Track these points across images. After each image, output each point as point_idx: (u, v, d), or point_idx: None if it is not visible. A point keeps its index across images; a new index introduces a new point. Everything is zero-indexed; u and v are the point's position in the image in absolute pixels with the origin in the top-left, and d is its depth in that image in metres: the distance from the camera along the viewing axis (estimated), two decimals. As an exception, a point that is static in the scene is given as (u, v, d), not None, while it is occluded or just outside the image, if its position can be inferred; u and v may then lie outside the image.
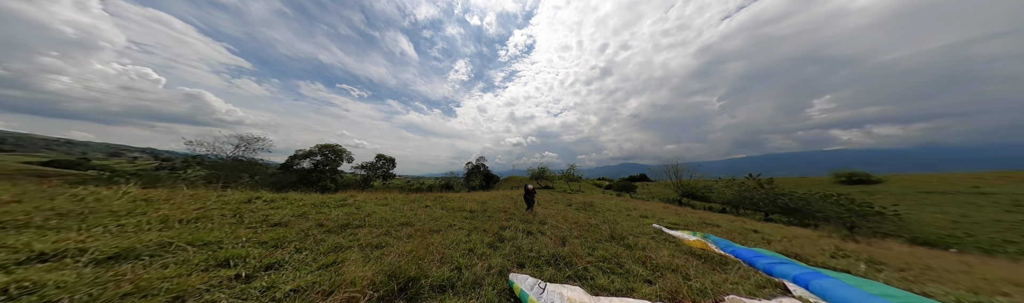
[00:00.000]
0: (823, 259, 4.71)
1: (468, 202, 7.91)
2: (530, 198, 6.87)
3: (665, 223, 7.30)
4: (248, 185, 20.13)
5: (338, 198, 6.26)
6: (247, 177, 20.86)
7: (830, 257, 4.99)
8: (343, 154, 25.63)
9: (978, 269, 4.99)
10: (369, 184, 28.33)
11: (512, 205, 8.01)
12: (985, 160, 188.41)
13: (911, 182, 21.44)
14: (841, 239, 7.65)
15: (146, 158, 36.53)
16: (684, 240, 5.10)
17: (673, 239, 5.21)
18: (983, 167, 19.16)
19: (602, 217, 7.48)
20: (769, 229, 8.24)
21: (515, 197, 10.75)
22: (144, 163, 21.05)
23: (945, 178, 21.54)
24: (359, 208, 5.32)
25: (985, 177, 20.46)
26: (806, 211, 13.72)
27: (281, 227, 3.58)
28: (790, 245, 5.64)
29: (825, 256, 5.00)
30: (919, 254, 6.47)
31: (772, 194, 14.30)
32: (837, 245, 6.30)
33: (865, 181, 23.54)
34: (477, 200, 8.69)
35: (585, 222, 6.03)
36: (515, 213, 6.49)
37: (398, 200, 7.15)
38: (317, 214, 4.40)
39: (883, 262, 4.86)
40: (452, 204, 7.17)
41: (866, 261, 4.83)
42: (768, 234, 7.14)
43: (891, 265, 4.72)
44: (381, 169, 29.12)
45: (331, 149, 25.10)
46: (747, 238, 6.31)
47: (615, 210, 9.59)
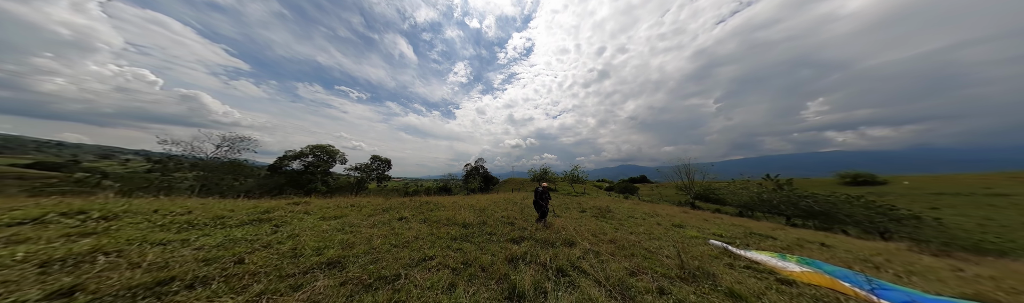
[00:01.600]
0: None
1: (462, 210, 5.94)
2: (543, 203, 4.94)
3: (717, 237, 5.36)
4: (233, 189, 17.73)
5: (266, 207, 4.29)
6: (231, 179, 18.45)
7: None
8: (336, 155, 23.38)
9: None
10: (363, 186, 25.94)
11: (518, 213, 6.06)
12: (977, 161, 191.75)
13: (917, 183, 20.08)
14: (932, 254, 5.75)
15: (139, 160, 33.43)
16: (781, 270, 3.20)
17: (757, 266, 3.31)
18: (976, 168, 18.93)
19: (631, 227, 5.56)
20: (834, 241, 6.32)
21: (519, 201, 8.77)
22: (136, 165, 18.92)
23: (953, 179, 20.23)
24: (281, 225, 3.40)
25: (992, 177, 19.21)
26: (833, 214, 11.88)
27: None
28: (902, 270, 3.75)
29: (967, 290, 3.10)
30: None
31: (794, 196, 12.50)
32: (956, 266, 4.41)
33: (870, 182, 22.01)
34: (474, 206, 6.72)
35: (623, 240, 4.11)
36: (524, 226, 4.55)
37: (366, 208, 5.18)
38: (178, 242, 2.43)
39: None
40: (440, 214, 5.19)
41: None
42: (846, 250, 5.24)
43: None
44: (376, 171, 26.79)
45: (323, 150, 22.86)
46: (829, 258, 4.40)
47: (638, 217, 7.65)
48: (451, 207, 6.21)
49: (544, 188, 5.01)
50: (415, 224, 4.12)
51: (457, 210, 5.76)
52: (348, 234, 3.26)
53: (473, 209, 6.17)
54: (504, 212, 5.98)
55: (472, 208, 6.34)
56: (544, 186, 5.04)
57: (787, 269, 3.19)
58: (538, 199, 4.91)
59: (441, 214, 5.10)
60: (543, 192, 4.97)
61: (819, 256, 4.17)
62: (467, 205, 6.85)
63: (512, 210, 6.41)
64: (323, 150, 22.95)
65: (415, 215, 4.90)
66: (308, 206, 4.75)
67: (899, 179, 22.25)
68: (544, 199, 4.90)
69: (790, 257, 3.49)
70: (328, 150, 23.03)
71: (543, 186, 5.04)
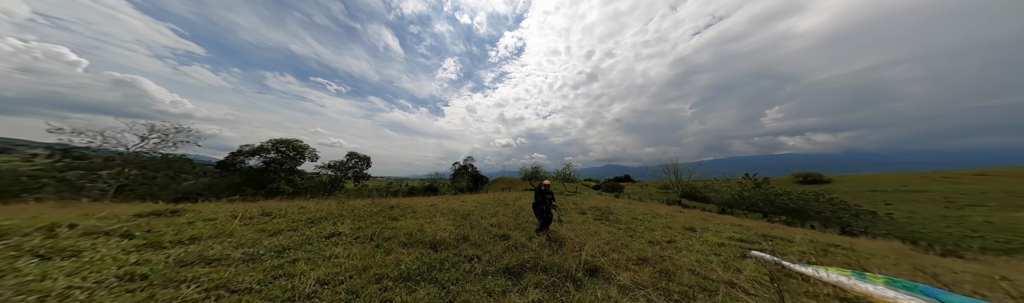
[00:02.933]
0: None
1: (438, 216, 4.34)
2: (545, 207, 3.55)
3: (740, 242, 4.34)
4: (170, 190, 13.89)
5: (88, 224, 2.34)
6: (168, 179, 14.61)
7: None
8: (305, 151, 20.01)
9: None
10: (338, 186, 22.66)
11: (512, 218, 4.61)
12: (895, 163, 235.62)
13: (855, 182, 22.16)
14: (936, 254, 5.29)
15: (48, 155, 24.77)
16: (868, 296, 2.13)
17: (842, 293, 2.22)
18: (895, 169, 22.56)
19: (644, 232, 4.39)
20: (861, 244, 5.63)
21: (511, 202, 7.30)
22: (43, 161, 13.96)
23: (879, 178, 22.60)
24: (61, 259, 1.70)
25: (908, 177, 21.77)
26: (804, 211, 12.03)
27: None
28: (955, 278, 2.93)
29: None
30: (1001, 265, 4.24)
31: (771, 194, 12.56)
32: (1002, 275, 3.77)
33: (818, 181, 23.81)
34: (458, 210, 5.15)
35: (655, 257, 2.84)
36: (522, 240, 3.11)
37: (284, 218, 3.38)
38: None
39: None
40: (403, 225, 3.55)
41: None
42: (869, 254, 4.51)
43: None
44: (354, 169, 23.59)
45: (289, 145, 19.42)
46: (860, 263, 3.53)
47: (642, 218, 6.57)
48: (425, 213, 4.58)
49: (546, 187, 3.63)
50: (348, 248, 2.49)
51: (432, 217, 4.16)
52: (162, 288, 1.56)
53: (454, 214, 4.61)
54: (494, 218, 4.50)
55: (454, 213, 4.77)
56: (546, 184, 3.65)
57: (886, 298, 2.14)
58: (539, 201, 3.52)
59: (404, 225, 3.47)
60: (545, 192, 3.60)
61: (875, 267, 3.25)
62: (448, 209, 5.25)
63: (504, 215, 4.94)
64: (289, 145, 19.51)
65: (361, 229, 3.22)
66: (176, 218, 2.85)
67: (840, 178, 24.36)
68: (547, 201, 3.52)
69: (874, 277, 2.47)
70: (295, 145, 19.62)
71: (545, 185, 3.65)
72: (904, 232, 11.59)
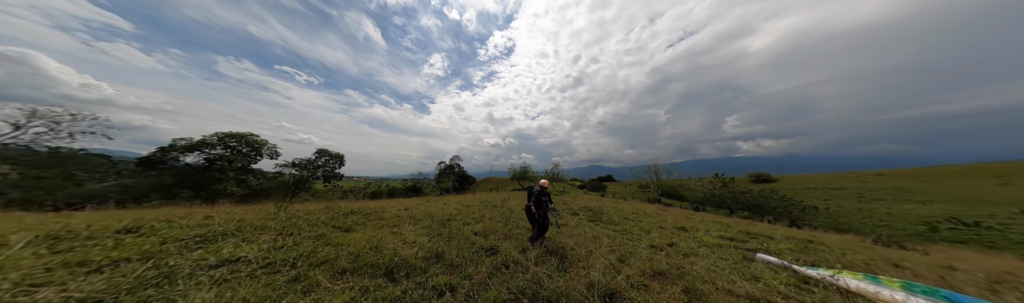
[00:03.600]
0: None
1: (410, 223, 3.44)
2: (541, 212, 2.86)
3: (730, 242, 4.15)
4: (61, 194, 10.47)
5: None
6: (60, 179, 11.18)
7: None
8: (262, 147, 17.04)
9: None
10: (304, 187, 19.76)
11: (500, 223, 3.88)
12: (822, 166, 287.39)
13: (794, 181, 25.37)
14: (882, 245, 5.71)
15: None
16: (875, 298, 1.86)
17: (858, 300, 1.94)
18: (822, 171, 26.70)
19: (640, 234, 4.00)
20: (823, 238, 5.87)
21: (499, 203, 6.57)
22: None
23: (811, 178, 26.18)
24: None
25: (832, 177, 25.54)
26: (763, 206, 13.13)
27: None
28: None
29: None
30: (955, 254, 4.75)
31: (736, 192, 13.53)
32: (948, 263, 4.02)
33: (767, 180, 26.70)
34: (437, 214, 4.28)
35: (672, 268, 2.34)
36: (513, 255, 2.39)
37: (169, 230, 2.23)
38: None
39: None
40: (353, 239, 2.60)
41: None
42: (840, 249, 4.64)
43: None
44: (324, 168, 20.79)
45: (242, 140, 16.37)
46: (833, 257, 3.49)
47: (632, 218, 6.29)
48: (394, 219, 3.65)
49: (543, 188, 2.98)
50: (234, 286, 1.54)
51: (400, 225, 3.26)
52: None
53: (431, 220, 3.75)
54: (479, 223, 3.73)
55: (430, 218, 3.90)
56: (544, 186, 3.01)
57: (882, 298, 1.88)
58: (534, 204, 2.84)
59: (356, 239, 2.53)
60: (541, 193, 2.94)
61: (828, 258, 3.16)
62: (425, 213, 4.35)
63: (492, 219, 4.19)
64: (242, 140, 16.46)
65: (285, 248, 2.23)
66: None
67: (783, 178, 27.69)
68: (544, 204, 2.86)
69: (889, 282, 2.25)
70: (249, 140, 16.61)
71: (542, 186, 3.00)
72: (836, 224, 13.18)
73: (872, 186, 21.24)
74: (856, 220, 14.20)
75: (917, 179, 22.41)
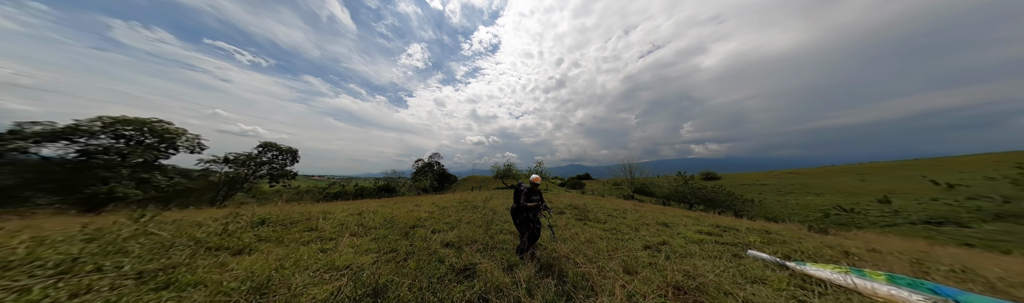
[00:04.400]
0: None
1: (358, 235, 2.48)
2: (530, 215, 2.21)
3: (708, 236, 4.16)
4: None
5: None
6: None
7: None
8: (177, 138, 13.12)
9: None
10: (242, 188, 15.98)
11: (481, 228, 3.15)
12: (753, 166, 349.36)
13: (733, 178, 29.83)
14: (815, 232, 6.55)
15: None
16: (890, 300, 1.79)
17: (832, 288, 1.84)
18: (753, 170, 32.30)
19: (628, 232, 3.75)
20: (773, 227, 6.42)
21: (481, 204, 5.81)
22: None
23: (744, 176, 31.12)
24: None
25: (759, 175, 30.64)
26: (715, 200, 14.86)
27: None
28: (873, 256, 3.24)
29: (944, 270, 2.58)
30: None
31: (695, 188, 15.05)
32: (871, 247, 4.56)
33: (714, 178, 30.81)
34: (402, 219, 3.34)
35: (686, 283, 1.96)
36: (496, 276, 1.68)
37: None
38: None
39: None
40: (238, 271, 1.55)
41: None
42: (795, 238, 5.07)
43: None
44: (270, 164, 17.08)
45: (141, 127, 12.34)
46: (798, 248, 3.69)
47: (616, 215, 6.17)
48: (332, 230, 2.64)
49: (532, 186, 2.38)
50: None
51: (340, 237, 2.31)
52: None
53: (390, 228, 2.84)
54: (454, 230, 2.96)
55: (390, 226, 2.97)
56: (535, 183, 2.39)
57: (902, 300, 1.83)
58: (520, 206, 2.21)
59: (240, 270, 1.53)
60: (532, 192, 2.34)
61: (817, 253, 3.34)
62: (386, 218, 3.38)
63: (471, 223, 3.46)
64: (141, 127, 12.43)
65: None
66: None
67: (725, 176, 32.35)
68: (537, 205, 2.24)
69: (874, 274, 2.25)
70: (154, 128, 12.65)
71: (533, 183, 2.39)
72: (766, 213, 15.57)
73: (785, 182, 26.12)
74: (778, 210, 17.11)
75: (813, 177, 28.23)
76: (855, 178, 25.46)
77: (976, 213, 12.15)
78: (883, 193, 17.89)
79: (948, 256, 3.71)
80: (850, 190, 21.02)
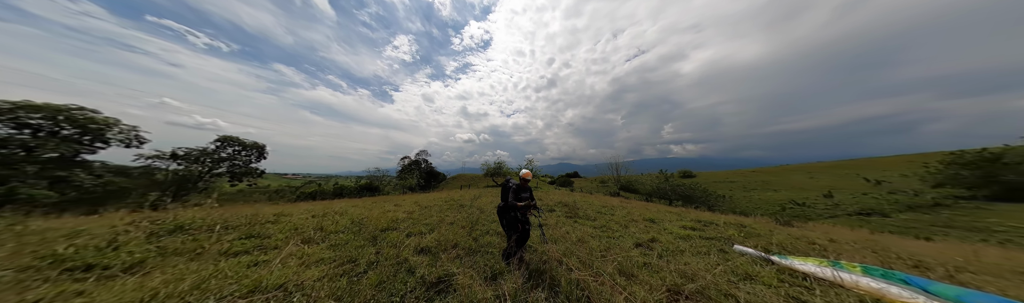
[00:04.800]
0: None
1: (311, 240, 2.02)
2: (519, 214, 1.92)
3: (692, 231, 4.24)
4: None
5: None
6: None
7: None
8: (106, 129, 10.96)
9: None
10: (195, 188, 13.95)
11: (464, 230, 2.83)
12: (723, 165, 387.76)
13: (706, 177, 32.22)
14: (781, 225, 7.09)
15: None
16: (874, 293, 1.84)
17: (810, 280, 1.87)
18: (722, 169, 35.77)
19: (619, 230, 3.69)
20: (747, 221, 6.78)
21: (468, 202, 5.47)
22: None
23: (716, 174, 33.74)
24: None
25: (729, 174, 33.43)
26: (692, 196, 15.87)
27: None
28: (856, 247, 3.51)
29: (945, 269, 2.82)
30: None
31: (675, 185, 15.93)
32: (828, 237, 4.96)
33: (690, 176, 32.96)
34: (375, 221, 2.88)
35: (690, 290, 1.82)
36: (475, 292, 1.37)
37: None
38: None
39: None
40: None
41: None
42: (765, 230, 5.39)
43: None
44: (231, 161, 15.09)
45: (58, 115, 10.14)
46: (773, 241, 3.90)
47: (606, 212, 6.16)
48: (281, 236, 2.13)
49: (522, 182, 2.12)
50: None
51: (286, 246, 1.84)
52: None
53: (357, 232, 2.40)
54: (434, 233, 2.61)
55: (358, 230, 2.52)
56: (524, 178, 2.14)
57: (881, 292, 1.88)
58: (508, 204, 1.94)
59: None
60: (521, 189, 2.06)
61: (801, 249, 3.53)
62: (354, 220, 2.92)
63: (454, 223, 3.13)
64: (57, 116, 10.24)
65: None
66: None
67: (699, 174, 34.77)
68: (525, 203, 1.95)
69: (850, 266, 2.32)
70: (74, 117, 10.50)
71: (522, 178, 2.14)
72: (735, 208, 16.93)
73: (750, 180, 28.76)
74: (744, 204, 18.74)
75: (772, 175, 31.35)
76: (805, 176, 28.65)
77: (895, 205, 14.14)
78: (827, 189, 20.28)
79: (893, 244, 4.06)
80: (801, 186, 23.60)
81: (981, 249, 4.31)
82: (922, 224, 11.67)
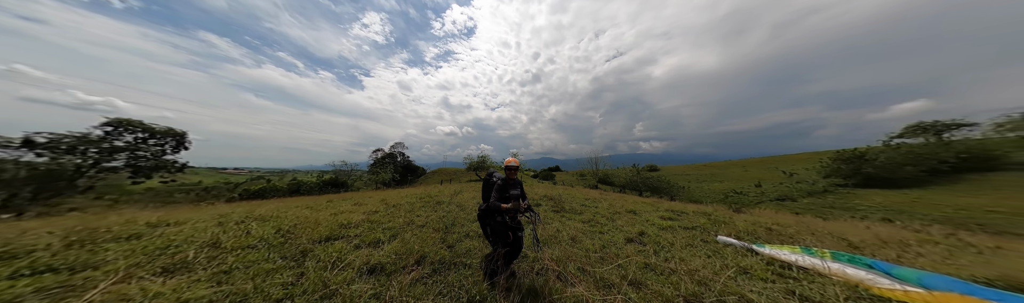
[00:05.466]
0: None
1: (176, 268, 1.19)
2: (507, 218, 1.37)
3: (669, 221, 4.35)
4: None
5: None
6: None
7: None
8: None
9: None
10: (72, 186, 10.36)
11: (436, 235, 2.22)
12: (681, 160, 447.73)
13: (668, 170, 36.19)
14: (735, 212, 8.01)
15: None
16: (850, 279, 1.88)
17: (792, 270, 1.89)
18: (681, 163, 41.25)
19: (605, 223, 3.54)
20: (709, 209, 7.45)
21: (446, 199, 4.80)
22: None
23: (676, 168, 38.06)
24: None
25: (685, 168, 38.04)
26: (659, 188, 17.54)
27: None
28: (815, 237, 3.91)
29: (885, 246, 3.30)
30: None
31: (645, 178, 17.36)
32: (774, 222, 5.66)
33: (655, 170, 36.61)
34: (314, 229, 2.08)
35: (683, 284, 1.56)
36: None
37: None
38: None
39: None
40: None
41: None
42: (723, 218, 5.95)
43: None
44: (132, 151, 11.42)
45: None
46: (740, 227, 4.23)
47: (589, 205, 6.12)
48: (128, 262, 1.25)
49: (508, 175, 1.57)
50: None
51: (131, 278, 1.00)
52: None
53: (279, 249, 1.61)
54: (397, 241, 1.95)
55: (282, 243, 1.72)
56: (509, 167, 1.57)
57: (855, 277, 1.93)
58: (492, 206, 1.37)
59: None
60: (509, 185, 1.52)
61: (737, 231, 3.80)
62: (284, 227, 2.09)
63: (425, 226, 2.48)
64: None
65: None
66: None
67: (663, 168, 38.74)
68: (510, 207, 1.39)
69: (820, 252, 2.42)
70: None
71: (507, 166, 1.58)
72: (692, 197, 19.25)
73: (702, 173, 33.18)
74: (697, 194, 21.53)
75: (718, 169, 36.49)
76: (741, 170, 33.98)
77: (800, 192, 17.56)
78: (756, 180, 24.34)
79: (815, 225, 4.66)
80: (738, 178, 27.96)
81: (872, 226, 5.38)
82: (817, 206, 14.88)
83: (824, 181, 18.76)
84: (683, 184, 23.76)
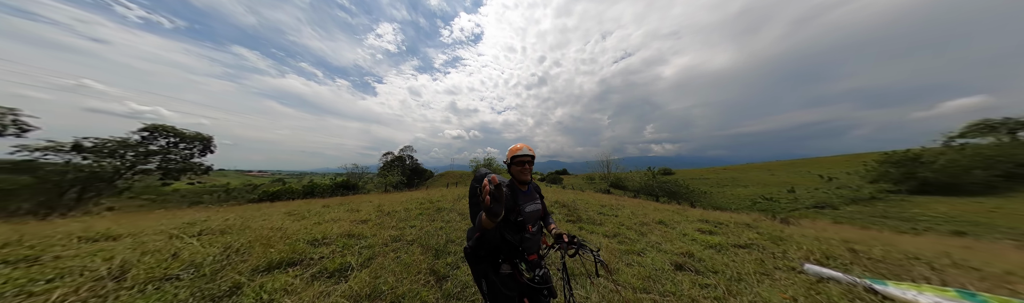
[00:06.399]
0: None
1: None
2: (524, 267, 0.63)
3: (704, 234, 3.47)
4: None
5: None
6: None
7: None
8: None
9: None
10: (111, 187, 10.99)
11: (428, 253, 1.62)
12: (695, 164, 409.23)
13: (683, 174, 33.84)
14: (781, 223, 6.77)
15: None
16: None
17: None
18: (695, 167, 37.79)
19: (635, 237, 2.80)
20: (739, 218, 6.31)
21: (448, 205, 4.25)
22: None
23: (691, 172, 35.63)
24: None
25: (703, 171, 35.48)
26: (677, 192, 16.07)
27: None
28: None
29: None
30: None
31: (662, 182, 15.99)
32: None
33: (669, 173, 34.67)
34: (292, 242, 1.56)
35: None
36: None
37: None
38: None
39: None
40: None
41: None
42: (768, 228, 4.89)
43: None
44: (165, 155, 12.11)
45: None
46: (811, 248, 3.19)
47: (607, 213, 5.31)
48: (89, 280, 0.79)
49: (519, 173, 0.85)
50: None
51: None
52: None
53: (187, 292, 1.08)
54: (369, 270, 1.39)
55: (195, 282, 1.20)
56: (517, 159, 0.85)
57: None
58: (488, 240, 0.62)
59: None
60: (514, 193, 0.80)
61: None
62: (242, 242, 1.62)
63: (412, 249, 1.95)
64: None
65: None
66: None
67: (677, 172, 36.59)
68: (529, 219, 0.69)
69: (996, 299, 1.48)
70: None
71: (514, 159, 0.86)
72: (715, 203, 17.53)
73: (721, 177, 30.64)
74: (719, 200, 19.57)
75: (738, 172, 33.71)
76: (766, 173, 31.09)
77: (842, 198, 15.40)
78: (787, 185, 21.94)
79: (897, 242, 3.52)
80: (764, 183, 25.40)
81: (971, 244, 4.11)
82: (864, 215, 12.77)
83: (870, 187, 16.41)
84: (703, 189, 21.82)
